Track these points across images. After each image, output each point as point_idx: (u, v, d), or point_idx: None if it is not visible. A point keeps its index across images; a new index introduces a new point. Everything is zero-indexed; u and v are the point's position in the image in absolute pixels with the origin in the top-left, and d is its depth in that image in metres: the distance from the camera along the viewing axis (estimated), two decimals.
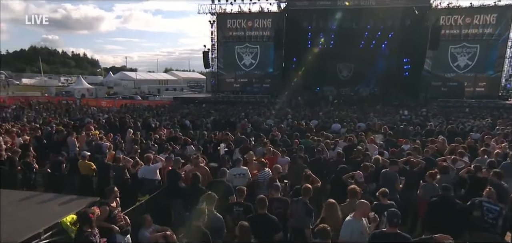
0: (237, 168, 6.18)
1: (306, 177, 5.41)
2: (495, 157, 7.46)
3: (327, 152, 7.78)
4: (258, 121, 14.83)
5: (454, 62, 29.56)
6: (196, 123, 14.92)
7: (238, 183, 5.59)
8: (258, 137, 9.61)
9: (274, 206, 4.59)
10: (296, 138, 9.34)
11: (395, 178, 5.97)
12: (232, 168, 6.21)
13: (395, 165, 6.23)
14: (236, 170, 6.15)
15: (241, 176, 6.01)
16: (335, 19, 30.13)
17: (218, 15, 32.73)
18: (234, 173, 6.03)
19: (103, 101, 33.32)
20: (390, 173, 6.04)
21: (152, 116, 16.94)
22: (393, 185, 5.80)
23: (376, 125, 13.06)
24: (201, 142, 9.85)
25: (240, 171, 6.11)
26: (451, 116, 17.43)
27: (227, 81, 34.20)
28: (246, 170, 6.17)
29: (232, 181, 5.75)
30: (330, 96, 30.53)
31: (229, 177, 5.82)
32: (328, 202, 4.29)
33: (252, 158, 6.83)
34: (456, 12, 29.34)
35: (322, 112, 19.73)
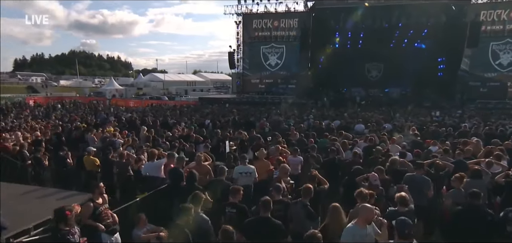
0: (242, 166, 5.80)
1: (311, 177, 4.90)
2: None
3: (342, 152, 7.19)
4: (277, 121, 14.36)
5: (496, 60, 27.38)
6: (216, 122, 14.76)
7: (244, 182, 5.21)
8: (274, 136, 9.17)
9: (274, 209, 4.14)
10: (312, 137, 8.78)
11: (424, 183, 5.20)
12: (238, 166, 5.82)
13: (420, 168, 5.47)
14: (242, 168, 5.77)
15: (247, 174, 5.61)
16: (364, 17, 28.88)
17: (244, 15, 32.63)
18: (240, 171, 5.66)
19: (131, 102, 34.26)
20: (418, 177, 5.28)
21: (172, 116, 17.00)
22: (422, 191, 5.11)
23: (404, 125, 12.17)
24: (214, 141, 9.55)
25: (246, 169, 5.72)
26: (490, 119, 15.97)
27: (252, 82, 33.95)
28: (252, 169, 5.77)
29: (238, 180, 5.37)
30: (357, 97, 29.30)
31: (235, 175, 5.45)
32: (332, 206, 3.78)
33: (263, 156, 6.41)
34: (499, 7, 27.24)
35: (347, 113, 18.86)
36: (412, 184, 5.19)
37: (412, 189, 5.11)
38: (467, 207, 4.14)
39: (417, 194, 5.08)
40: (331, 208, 3.77)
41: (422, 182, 5.22)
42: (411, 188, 5.13)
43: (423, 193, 5.12)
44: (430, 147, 7.91)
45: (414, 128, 11.02)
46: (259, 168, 5.96)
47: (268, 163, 6.08)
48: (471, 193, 4.16)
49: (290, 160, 6.96)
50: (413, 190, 5.12)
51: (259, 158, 6.39)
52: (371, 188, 4.92)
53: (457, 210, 4.21)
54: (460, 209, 4.23)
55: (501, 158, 6.52)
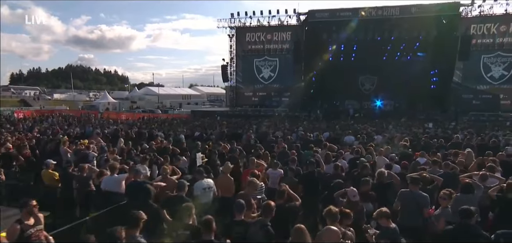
0: (201, 181, 5.20)
1: (280, 193, 4.34)
2: None
3: (323, 164, 6.64)
4: (264, 133, 13.84)
5: (488, 73, 27.23)
6: (202, 135, 14.27)
7: (206, 199, 4.64)
8: (255, 148, 8.63)
9: (234, 231, 3.58)
10: (296, 149, 8.25)
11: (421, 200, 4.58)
12: (199, 182, 5.21)
13: (416, 184, 4.77)
14: (202, 183, 5.18)
15: (209, 190, 5.04)
16: (356, 30, 28.73)
17: (237, 29, 32.46)
18: (204, 187, 5.07)
19: (123, 115, 33.71)
20: (416, 193, 4.64)
21: (160, 128, 16.46)
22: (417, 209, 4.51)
23: (395, 137, 11.68)
24: (193, 153, 9.00)
25: (207, 184, 5.14)
26: (483, 130, 15.54)
27: (246, 95, 33.57)
28: (212, 183, 5.21)
29: (201, 196, 4.80)
30: (351, 110, 28.97)
31: (196, 191, 4.88)
32: (295, 228, 3.22)
33: (228, 170, 5.85)
34: (489, 21, 27.21)
35: (339, 125, 18.39)
36: (406, 202, 4.64)
37: (407, 207, 4.58)
38: (458, 227, 3.60)
39: (412, 213, 4.54)
40: (293, 230, 3.21)
41: (419, 198, 4.61)
42: (405, 206, 4.60)
43: (418, 211, 4.55)
44: (418, 159, 7.38)
45: (406, 139, 10.53)
46: (222, 184, 5.42)
47: (230, 180, 5.52)
48: (461, 211, 3.62)
49: (270, 173, 6.43)
50: (407, 208, 4.60)
51: (224, 172, 5.83)
52: (350, 205, 4.38)
53: (447, 231, 3.67)
54: (450, 229, 3.69)
55: (494, 170, 6.02)
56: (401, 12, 27.02)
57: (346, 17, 27.98)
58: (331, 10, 28.67)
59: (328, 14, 28.58)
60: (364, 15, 27.23)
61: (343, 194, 4.65)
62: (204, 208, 4.39)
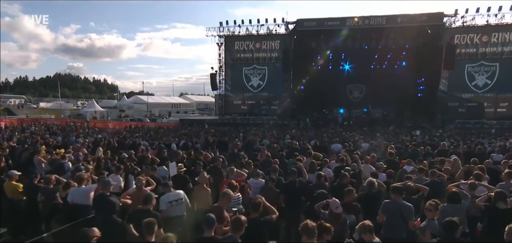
0: (168, 194, 4.82)
1: (254, 206, 4.00)
2: None
3: (306, 173, 6.33)
4: (251, 141, 13.52)
5: (472, 81, 27.55)
6: (187, 143, 13.87)
7: (175, 213, 4.27)
8: (238, 157, 8.31)
9: None
10: (280, 158, 7.95)
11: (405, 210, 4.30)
12: (165, 194, 4.83)
13: (398, 193, 4.51)
14: (172, 195, 4.80)
15: (178, 202, 4.66)
16: (344, 40, 28.86)
17: (226, 37, 32.26)
18: (169, 200, 4.68)
19: (110, 123, 32.96)
20: (400, 204, 4.36)
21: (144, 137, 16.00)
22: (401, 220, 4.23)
23: (382, 145, 11.51)
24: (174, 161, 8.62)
25: (175, 196, 4.76)
26: (469, 138, 15.55)
27: (235, 103, 33.23)
28: (182, 195, 4.83)
29: (168, 210, 4.43)
30: (339, 118, 28.95)
31: (162, 205, 4.51)
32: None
33: (204, 181, 5.51)
34: (471, 31, 27.58)
35: (327, 133, 18.22)
36: (390, 213, 4.36)
37: (390, 219, 4.30)
38: (443, 241, 3.33)
39: (396, 225, 4.26)
40: None
41: (403, 209, 4.33)
42: (389, 218, 4.32)
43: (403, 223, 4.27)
44: (405, 167, 7.16)
45: (392, 146, 10.35)
46: (197, 195, 5.06)
47: (207, 191, 5.16)
48: (445, 223, 3.35)
49: (251, 183, 6.10)
50: (391, 220, 4.31)
51: (200, 182, 5.48)
52: (333, 217, 4.08)
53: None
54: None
55: (481, 178, 5.81)
56: (388, 21, 27.29)
57: (334, 26, 28.15)
58: (319, 19, 28.77)
59: (316, 23, 28.67)
60: (356, 21, 27.40)
61: (325, 206, 4.35)
62: (173, 223, 4.02)
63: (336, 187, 5.38)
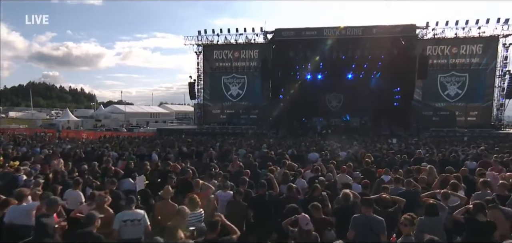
0: (126, 211, 4.25)
1: (211, 225, 3.51)
2: (501, 190, 5.66)
3: (277, 186, 5.90)
4: (227, 150, 13.01)
5: (444, 91, 28.37)
6: (160, 154, 13.21)
7: (131, 235, 3.72)
8: (207, 168, 7.79)
9: None
10: (253, 168, 7.49)
11: (375, 225, 3.99)
12: (120, 212, 4.26)
13: (368, 205, 4.21)
14: (123, 214, 4.21)
15: (134, 223, 4.09)
16: (322, 49, 29.02)
17: (204, 46, 31.80)
18: (124, 219, 4.10)
19: (84, 133, 31.55)
20: (370, 218, 4.05)
21: (115, 147, 15.14)
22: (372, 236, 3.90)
23: (359, 153, 11.28)
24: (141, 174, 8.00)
25: (132, 215, 4.19)
26: (443, 145, 15.69)
27: (214, 113, 32.64)
28: (141, 215, 4.25)
29: (122, 231, 3.86)
30: (318, 127, 28.90)
31: (115, 224, 3.94)
32: None
33: (168, 194, 4.98)
34: (443, 42, 28.51)
35: (305, 142, 17.95)
36: (359, 229, 4.00)
37: (361, 235, 3.92)
38: None
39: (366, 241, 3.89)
40: None
41: (373, 224, 4.00)
42: (359, 234, 3.94)
43: (374, 238, 3.94)
44: (382, 176, 6.87)
45: (369, 155, 10.12)
46: (160, 211, 4.52)
47: (172, 206, 4.63)
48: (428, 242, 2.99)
49: (220, 196, 5.60)
50: (361, 237, 3.93)
51: (163, 196, 4.94)
52: (303, 235, 3.64)
53: None
54: None
55: (458, 187, 5.58)
56: (363, 32, 27.66)
57: (312, 36, 28.25)
58: (297, 29, 28.81)
59: (294, 33, 28.70)
60: (341, 27, 27.63)
61: (294, 222, 3.91)
62: None
63: (308, 200, 4.97)
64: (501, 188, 5.73)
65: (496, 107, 28.25)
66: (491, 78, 28.02)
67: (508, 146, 14.73)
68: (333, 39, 28.01)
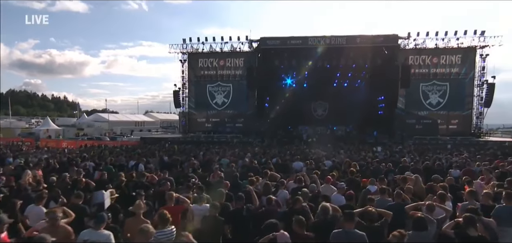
0: (90, 230, 3.78)
1: None
2: (485, 200, 5.43)
3: (256, 199, 5.51)
4: (209, 160, 12.55)
5: (427, 99, 28.82)
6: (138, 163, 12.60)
7: None
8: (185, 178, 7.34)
9: None
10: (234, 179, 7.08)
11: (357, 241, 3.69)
12: (84, 231, 3.80)
13: (350, 220, 3.92)
14: (85, 233, 3.76)
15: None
16: (307, 58, 29.03)
17: (189, 54, 31.36)
18: (84, 238, 3.64)
19: (64, 142, 30.36)
20: (350, 233, 3.74)
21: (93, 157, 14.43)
22: None
23: (344, 162, 10.99)
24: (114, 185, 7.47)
25: (95, 236, 3.72)
26: (426, 153, 15.67)
27: (199, 121, 32.08)
28: (106, 235, 3.79)
29: None
30: (304, 135, 28.71)
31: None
32: None
33: (140, 209, 4.52)
34: (424, 53, 29.08)
35: (290, 151, 17.65)
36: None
37: None
38: None
39: None
40: None
41: (353, 239, 3.68)
42: None
43: None
44: (369, 187, 6.57)
45: (354, 164, 9.86)
46: (131, 229, 4.06)
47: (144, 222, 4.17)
48: None
49: (195, 210, 5.16)
50: None
51: (134, 212, 4.48)
52: None
53: None
54: None
55: (445, 198, 5.31)
56: (348, 41, 27.80)
57: (297, 45, 28.23)
58: (282, 38, 28.74)
59: (279, 42, 28.62)
60: (326, 36, 27.65)
61: (272, 240, 3.52)
62: None
63: (288, 213, 4.59)
64: (485, 198, 5.52)
65: (475, 116, 28.85)
66: (470, 88, 28.66)
67: (489, 153, 14.82)
68: (318, 48, 28.06)
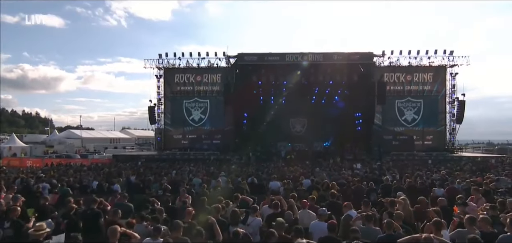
0: None
1: None
2: (483, 226, 4.71)
3: (219, 233, 4.50)
4: (179, 180, 11.42)
5: (402, 116, 29.01)
6: (102, 184, 11.32)
7: None
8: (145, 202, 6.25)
9: None
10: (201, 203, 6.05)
11: None
12: None
13: None
14: None
15: None
16: (284, 74, 28.61)
17: (165, 69, 30.22)
18: None
19: (28, 161, 28.06)
20: None
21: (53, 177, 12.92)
22: None
23: (324, 182, 10.10)
24: (60, 214, 6.26)
25: None
26: (405, 169, 15.18)
27: (175, 138, 30.67)
28: None
29: None
30: (282, 152, 27.93)
31: None
32: None
33: None
34: (398, 70, 29.40)
35: (268, 169, 16.76)
36: None
37: None
38: None
39: None
40: None
41: None
42: None
43: None
44: (349, 212, 5.69)
45: (333, 184, 9.05)
46: None
47: None
48: None
49: None
50: None
51: None
52: None
53: None
54: None
55: (441, 227, 4.52)
56: (325, 58, 27.65)
57: (274, 61, 27.79)
58: (260, 54, 28.25)
59: (257, 58, 28.08)
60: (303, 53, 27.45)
61: None
62: None
63: None
64: (483, 224, 4.79)
65: (448, 132, 29.24)
66: (442, 105, 29.17)
67: (467, 169, 14.53)
68: (296, 65, 27.72)
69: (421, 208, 6.04)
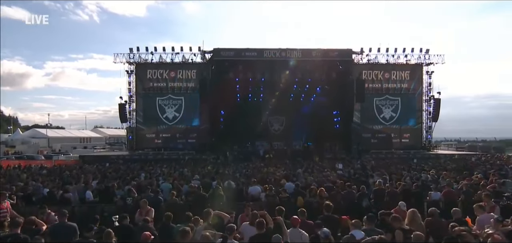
0: None
1: None
2: None
3: None
4: (144, 186, 9.90)
5: (380, 114, 28.66)
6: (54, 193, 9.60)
7: None
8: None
9: None
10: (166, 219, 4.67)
11: None
12: None
13: None
14: None
15: None
16: (262, 70, 27.41)
17: (137, 65, 28.11)
18: None
19: None
20: None
21: None
22: None
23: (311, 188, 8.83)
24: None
25: None
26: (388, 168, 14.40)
27: (148, 137, 28.64)
28: None
29: None
30: (261, 151, 26.76)
31: None
32: None
33: None
34: (376, 68, 28.99)
35: (246, 169, 15.53)
36: None
37: None
38: None
39: None
40: None
41: None
42: None
43: None
44: (352, 232, 4.50)
45: (322, 190, 7.92)
46: None
47: None
48: None
49: None
50: None
51: None
52: None
53: None
54: None
55: None
56: (303, 55, 26.68)
57: (252, 57, 26.50)
58: (237, 49, 26.78)
59: (234, 53, 26.63)
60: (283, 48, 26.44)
61: None
62: None
63: None
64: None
65: (425, 130, 29.24)
66: (419, 102, 29.10)
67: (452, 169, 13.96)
68: (274, 61, 26.62)
69: (434, 223, 4.95)
